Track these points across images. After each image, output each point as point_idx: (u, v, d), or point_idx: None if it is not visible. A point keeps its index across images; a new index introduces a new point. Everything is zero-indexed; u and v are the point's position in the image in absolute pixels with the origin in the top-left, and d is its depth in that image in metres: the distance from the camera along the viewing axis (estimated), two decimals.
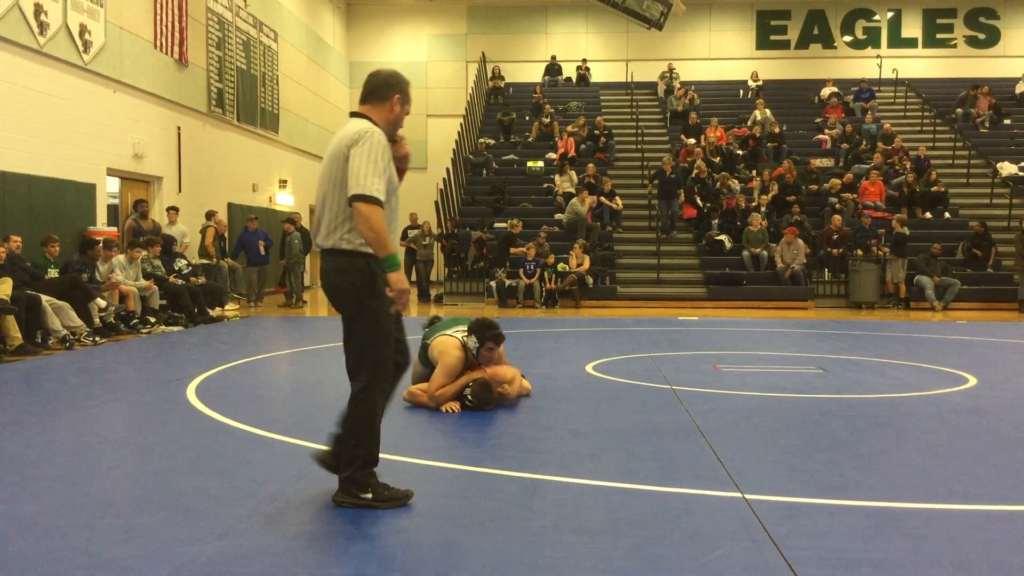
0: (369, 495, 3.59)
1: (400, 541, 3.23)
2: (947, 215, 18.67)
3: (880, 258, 16.40)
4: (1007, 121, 22.66)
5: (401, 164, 3.75)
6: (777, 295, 16.37)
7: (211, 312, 12.52)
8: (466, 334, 5.74)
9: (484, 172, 21.16)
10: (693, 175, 18.83)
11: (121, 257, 11.35)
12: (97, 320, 10.11)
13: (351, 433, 3.61)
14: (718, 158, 20.06)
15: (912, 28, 26.18)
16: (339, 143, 3.56)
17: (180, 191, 15.55)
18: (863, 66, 25.36)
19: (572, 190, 18.82)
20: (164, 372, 7.57)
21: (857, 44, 26.23)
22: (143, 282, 11.42)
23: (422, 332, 6.16)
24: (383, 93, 3.67)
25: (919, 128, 22.61)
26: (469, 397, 5.59)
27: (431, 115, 26.48)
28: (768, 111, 22.37)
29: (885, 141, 20.86)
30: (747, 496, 3.75)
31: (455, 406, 5.59)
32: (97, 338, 9.76)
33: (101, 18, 13.06)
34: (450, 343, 5.73)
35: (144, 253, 11.76)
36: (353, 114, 3.69)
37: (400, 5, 26.56)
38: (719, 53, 26.43)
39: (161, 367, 7.99)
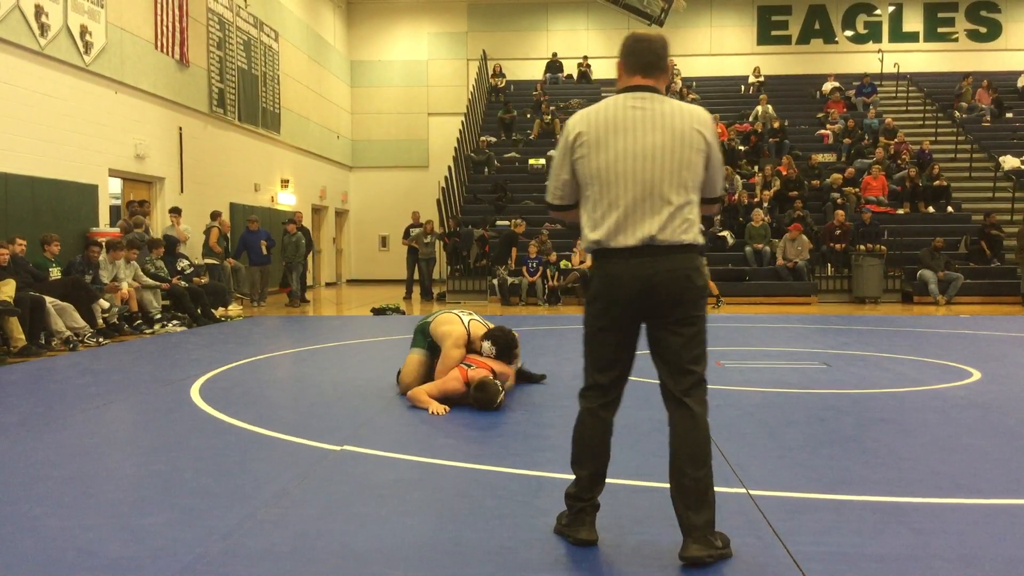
0: (720, 542, 2.92)
1: (401, 537, 3.22)
2: (949, 209, 18.63)
3: (882, 253, 16.36)
4: (1009, 115, 22.59)
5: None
6: (780, 290, 16.35)
7: (215, 312, 12.52)
8: (484, 337, 5.82)
9: (486, 170, 21.15)
10: None
11: (123, 263, 11.41)
12: (100, 321, 10.13)
13: (705, 458, 2.90)
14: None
15: (913, 22, 26.12)
16: (685, 122, 2.96)
17: (182, 191, 15.56)
18: (865, 61, 25.32)
19: None
20: (168, 372, 7.57)
21: (858, 39, 26.17)
22: (148, 280, 11.44)
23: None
24: (665, 63, 3.07)
25: (921, 122, 22.56)
26: (472, 401, 5.53)
27: (432, 113, 26.49)
28: (770, 106, 22.35)
29: (887, 136, 20.82)
30: (751, 492, 3.74)
31: (443, 408, 5.47)
32: (101, 339, 9.77)
33: (102, 19, 13.06)
34: (453, 318, 5.90)
35: (134, 253, 11.76)
36: (640, 88, 3.02)
37: (401, 3, 26.54)
38: (720, 49, 26.38)
39: (165, 367, 8.00)
